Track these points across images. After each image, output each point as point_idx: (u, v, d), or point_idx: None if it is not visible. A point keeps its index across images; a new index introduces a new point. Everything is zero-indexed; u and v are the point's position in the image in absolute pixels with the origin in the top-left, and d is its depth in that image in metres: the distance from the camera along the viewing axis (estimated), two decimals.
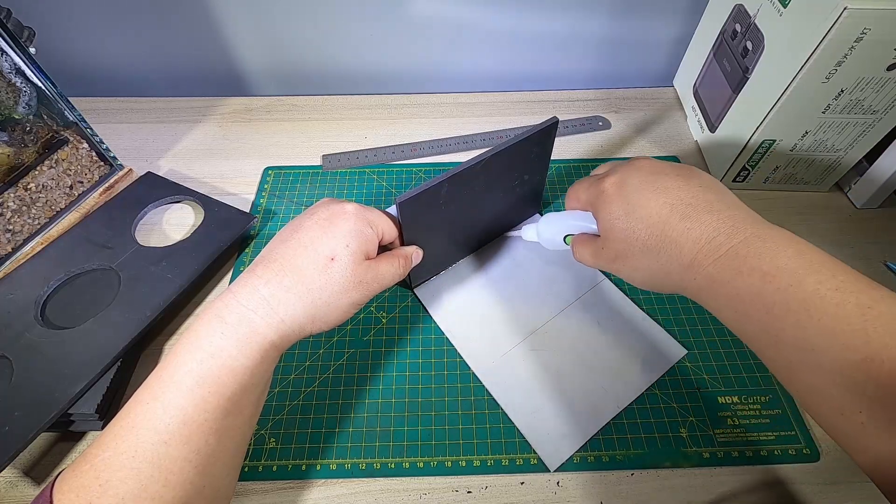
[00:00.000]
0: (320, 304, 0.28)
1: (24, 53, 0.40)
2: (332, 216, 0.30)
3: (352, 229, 0.30)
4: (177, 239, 0.44)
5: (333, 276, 0.29)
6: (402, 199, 0.32)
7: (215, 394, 0.25)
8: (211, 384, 0.25)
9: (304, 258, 0.28)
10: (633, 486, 0.34)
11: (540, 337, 0.39)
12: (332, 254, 0.29)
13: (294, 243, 0.29)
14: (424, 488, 0.34)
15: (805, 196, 0.49)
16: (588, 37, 0.59)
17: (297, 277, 0.28)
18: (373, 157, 0.53)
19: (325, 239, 0.29)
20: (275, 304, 0.27)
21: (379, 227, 0.32)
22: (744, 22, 0.46)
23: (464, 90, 0.61)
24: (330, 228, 0.29)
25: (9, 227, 0.43)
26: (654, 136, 0.55)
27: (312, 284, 0.28)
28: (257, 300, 0.27)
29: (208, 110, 0.58)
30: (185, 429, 0.24)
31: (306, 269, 0.28)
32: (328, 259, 0.29)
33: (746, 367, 0.38)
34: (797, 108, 0.41)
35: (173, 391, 0.25)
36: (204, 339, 0.26)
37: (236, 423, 0.26)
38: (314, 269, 0.28)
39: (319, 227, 0.30)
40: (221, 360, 0.26)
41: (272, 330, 0.27)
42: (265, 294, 0.27)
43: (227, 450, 0.26)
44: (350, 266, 0.29)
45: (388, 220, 0.33)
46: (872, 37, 0.35)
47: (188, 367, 0.25)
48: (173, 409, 0.24)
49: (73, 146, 0.46)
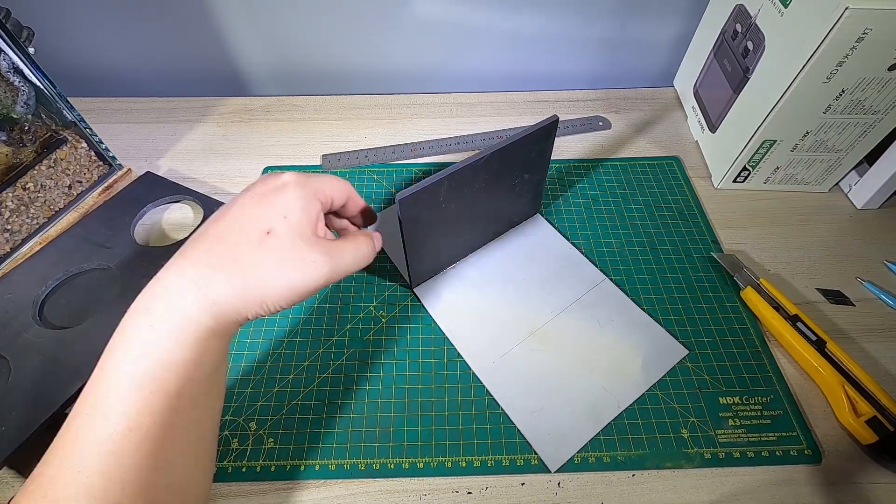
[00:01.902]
0: (253, 282, 0.25)
1: (22, 53, 0.40)
2: (269, 190, 0.27)
3: (291, 199, 0.26)
4: (176, 238, 0.44)
5: (269, 251, 0.25)
6: (403, 195, 0.32)
7: (158, 393, 0.23)
8: (150, 384, 0.23)
9: (237, 234, 0.25)
10: (634, 486, 0.33)
11: (540, 337, 0.39)
12: (268, 227, 0.25)
13: (227, 219, 0.26)
14: (424, 489, 0.33)
15: (805, 196, 0.49)
16: (588, 37, 0.59)
17: (227, 255, 0.25)
18: (373, 157, 0.53)
19: (261, 211, 0.26)
20: (204, 285, 0.24)
21: (325, 193, 0.29)
22: (744, 22, 0.46)
23: (464, 90, 0.60)
24: (265, 201, 0.26)
25: (7, 227, 0.43)
26: (654, 136, 0.55)
27: (244, 261, 0.25)
28: (185, 283, 0.24)
29: (208, 110, 0.58)
30: (133, 435, 0.22)
31: (238, 244, 0.25)
32: (263, 233, 0.25)
33: (747, 367, 0.38)
34: (798, 108, 0.41)
35: (112, 398, 0.23)
36: (133, 337, 0.24)
37: (192, 417, 0.25)
38: (247, 245, 0.25)
39: (254, 200, 0.26)
40: (156, 357, 0.23)
41: (206, 314, 0.24)
42: (193, 275, 0.24)
43: (187, 444, 0.25)
44: (289, 239, 0.26)
45: (335, 182, 0.30)
46: (874, 37, 0.35)
47: (123, 370, 0.23)
48: (115, 417, 0.22)
49: (71, 146, 0.46)
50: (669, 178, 0.51)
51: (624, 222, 0.47)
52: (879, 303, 0.42)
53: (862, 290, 0.42)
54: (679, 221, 0.47)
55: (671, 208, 0.48)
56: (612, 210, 0.48)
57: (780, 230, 0.47)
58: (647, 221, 0.47)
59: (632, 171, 0.51)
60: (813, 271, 0.44)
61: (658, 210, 0.48)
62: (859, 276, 0.43)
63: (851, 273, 0.43)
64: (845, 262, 0.44)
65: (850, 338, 0.39)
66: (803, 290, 0.42)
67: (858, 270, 0.44)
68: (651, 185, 0.50)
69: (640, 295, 0.42)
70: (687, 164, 0.52)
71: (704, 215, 0.47)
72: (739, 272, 0.42)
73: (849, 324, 0.40)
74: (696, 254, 0.45)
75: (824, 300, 0.42)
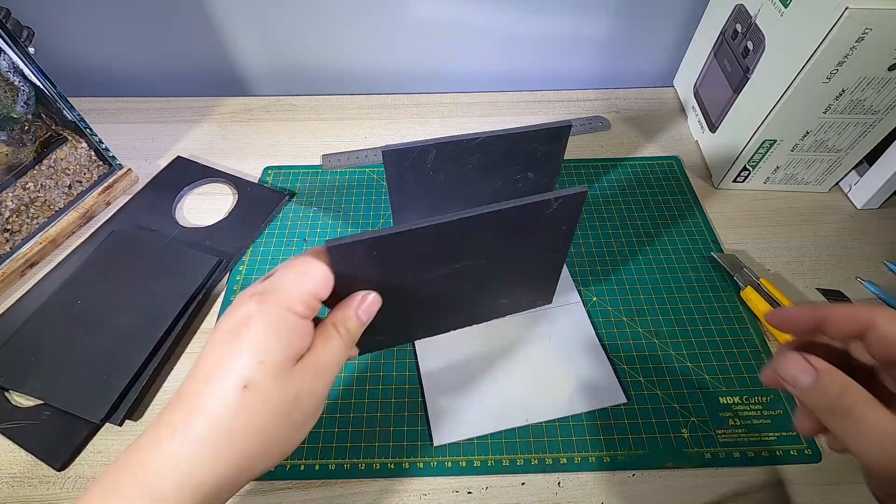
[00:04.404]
0: (250, 451, 0.21)
1: (22, 53, 0.40)
2: (237, 326, 0.22)
3: (263, 335, 0.22)
4: (216, 219, 0.47)
5: (254, 408, 0.21)
6: (387, 148, 0.33)
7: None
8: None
9: (213, 394, 0.21)
10: (634, 486, 0.33)
11: (485, 328, 0.39)
12: (244, 380, 0.21)
13: (200, 374, 0.22)
14: (425, 488, 0.33)
15: (805, 196, 0.49)
16: (588, 37, 0.59)
17: (209, 424, 0.21)
18: (373, 157, 0.53)
19: (231, 359, 0.22)
20: (185, 465, 0.20)
21: (302, 300, 0.23)
22: (744, 22, 0.46)
23: (464, 90, 0.61)
24: (235, 343, 0.22)
25: (7, 227, 0.43)
26: (654, 136, 0.55)
27: (232, 431, 0.21)
28: (163, 460, 0.20)
29: (208, 110, 0.58)
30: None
31: (216, 408, 0.21)
32: (240, 388, 0.21)
33: (747, 367, 0.38)
34: (798, 108, 0.41)
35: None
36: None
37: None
38: (228, 410, 0.21)
39: (224, 344, 0.22)
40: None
41: (188, 498, 0.20)
42: (173, 451, 0.21)
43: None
44: (274, 388, 0.22)
45: (309, 272, 0.23)
46: (874, 37, 0.35)
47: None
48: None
49: (71, 146, 0.46)
50: (669, 178, 0.51)
51: (624, 222, 0.47)
52: (879, 303, 0.42)
53: (862, 290, 0.42)
54: (679, 221, 0.47)
55: (671, 208, 0.48)
56: (612, 210, 0.48)
57: (780, 230, 0.47)
58: (647, 221, 0.47)
59: (632, 171, 0.51)
60: (813, 271, 0.44)
61: (658, 210, 0.48)
62: (859, 276, 0.43)
63: (851, 273, 0.43)
64: (845, 262, 0.44)
65: None
66: (803, 290, 0.42)
67: (858, 270, 0.44)
68: (651, 185, 0.50)
69: (640, 295, 0.42)
70: (687, 164, 0.52)
71: (704, 215, 0.47)
72: (739, 272, 0.42)
73: None
74: (696, 254, 0.45)
75: (824, 300, 0.42)
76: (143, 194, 0.49)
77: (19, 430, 0.34)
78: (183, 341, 0.39)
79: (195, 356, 0.38)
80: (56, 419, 0.35)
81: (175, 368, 0.38)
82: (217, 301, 0.42)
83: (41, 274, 0.43)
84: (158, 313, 0.39)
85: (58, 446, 0.34)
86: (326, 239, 0.27)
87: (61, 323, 0.38)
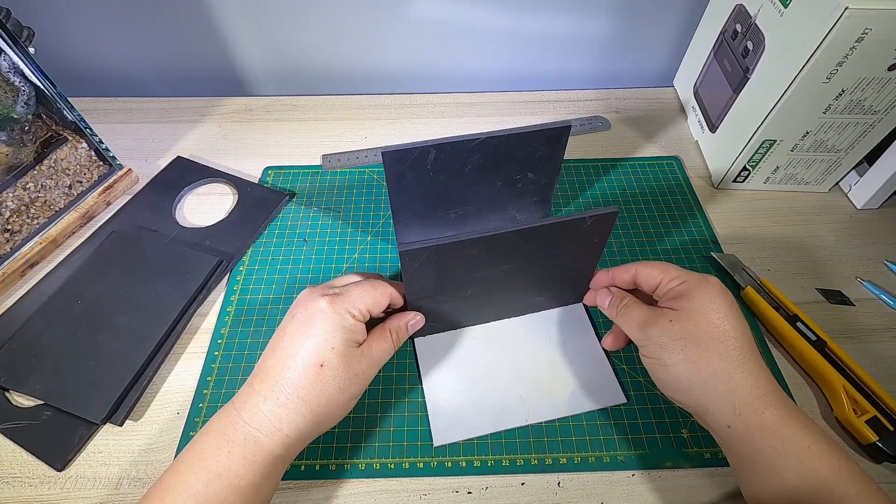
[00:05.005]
0: (320, 411, 0.29)
1: (22, 53, 0.40)
2: (310, 317, 0.30)
3: (331, 327, 0.29)
4: (216, 219, 0.47)
5: (327, 381, 0.29)
6: (387, 149, 0.33)
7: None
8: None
9: (294, 369, 0.29)
10: (634, 486, 0.34)
11: (487, 329, 0.40)
12: (320, 359, 0.29)
13: (281, 353, 0.29)
14: (424, 489, 0.33)
15: (805, 196, 0.49)
16: (588, 37, 0.59)
17: (292, 391, 0.28)
18: (373, 157, 0.53)
19: (309, 344, 0.29)
20: (276, 421, 0.28)
21: (360, 309, 0.31)
22: (744, 22, 0.46)
23: (464, 90, 0.61)
24: (310, 332, 0.29)
25: (7, 227, 0.43)
26: (654, 136, 0.55)
27: (309, 396, 0.28)
28: (260, 418, 0.28)
29: (208, 110, 0.58)
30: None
31: (299, 381, 0.28)
32: (317, 367, 0.29)
33: None
34: (798, 108, 0.41)
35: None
36: (210, 459, 0.27)
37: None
38: (306, 381, 0.28)
39: (300, 331, 0.30)
40: (228, 481, 0.26)
41: (278, 445, 0.28)
42: (266, 411, 0.28)
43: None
44: (341, 367, 0.29)
45: (372, 293, 0.32)
46: (873, 37, 0.35)
47: (193, 489, 0.26)
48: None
49: (72, 146, 0.46)
50: (669, 178, 0.51)
51: (624, 222, 0.47)
52: (879, 303, 0.42)
53: (862, 290, 0.42)
54: (679, 221, 0.47)
55: (671, 208, 0.48)
56: None
57: (780, 230, 0.47)
58: (647, 221, 0.47)
59: (631, 171, 0.51)
60: (813, 271, 0.44)
61: (658, 210, 0.48)
62: (859, 276, 0.43)
63: (851, 273, 0.43)
64: (845, 262, 0.44)
65: (850, 338, 0.39)
66: (803, 290, 0.42)
67: (858, 270, 0.44)
68: (651, 185, 0.50)
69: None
70: (687, 164, 0.52)
71: (704, 215, 0.47)
72: (739, 272, 0.42)
73: (849, 324, 0.40)
74: (696, 254, 0.45)
75: (824, 300, 0.42)
76: (143, 194, 0.49)
77: (20, 430, 0.34)
78: (183, 341, 0.40)
79: (197, 356, 0.39)
80: (56, 419, 0.35)
81: (175, 368, 0.38)
82: (217, 301, 0.42)
83: (41, 274, 0.43)
84: (159, 313, 0.39)
85: (58, 446, 0.34)
86: (399, 243, 0.30)
87: (62, 323, 0.38)
